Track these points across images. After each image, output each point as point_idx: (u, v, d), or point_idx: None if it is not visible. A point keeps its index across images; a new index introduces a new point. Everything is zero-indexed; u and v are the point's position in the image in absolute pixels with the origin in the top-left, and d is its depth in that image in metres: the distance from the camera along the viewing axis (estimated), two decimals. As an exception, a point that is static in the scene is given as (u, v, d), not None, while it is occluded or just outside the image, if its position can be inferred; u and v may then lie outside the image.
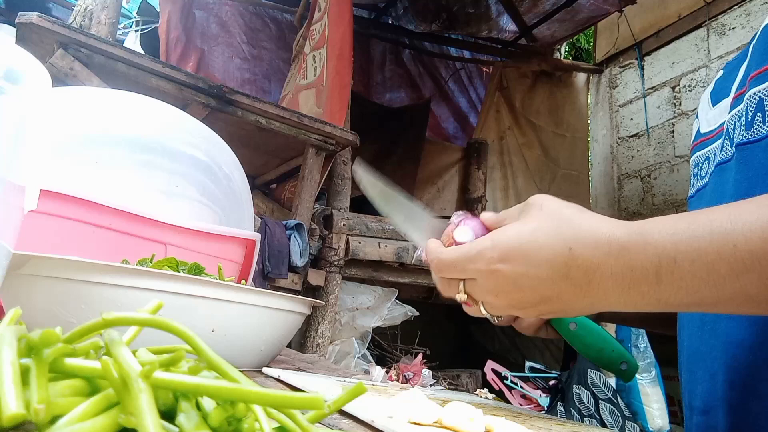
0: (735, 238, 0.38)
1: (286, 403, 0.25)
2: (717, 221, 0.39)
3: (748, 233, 0.37)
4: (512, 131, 4.11)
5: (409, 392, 0.48)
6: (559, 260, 0.44)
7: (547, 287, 0.45)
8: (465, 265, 0.48)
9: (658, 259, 0.40)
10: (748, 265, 0.37)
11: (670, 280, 0.40)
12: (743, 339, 0.52)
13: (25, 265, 0.51)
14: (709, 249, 0.38)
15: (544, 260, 0.44)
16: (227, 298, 0.58)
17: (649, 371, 2.68)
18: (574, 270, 0.43)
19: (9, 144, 0.37)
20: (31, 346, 0.26)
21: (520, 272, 0.45)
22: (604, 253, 0.42)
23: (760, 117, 0.52)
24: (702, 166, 0.64)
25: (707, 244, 0.39)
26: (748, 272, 0.37)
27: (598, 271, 0.42)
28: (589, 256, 0.43)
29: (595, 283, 0.43)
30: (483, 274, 0.47)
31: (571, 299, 0.45)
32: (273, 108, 2.10)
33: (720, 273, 0.38)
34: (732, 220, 0.38)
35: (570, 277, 0.44)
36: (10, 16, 2.99)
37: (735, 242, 0.38)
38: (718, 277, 0.38)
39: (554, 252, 0.44)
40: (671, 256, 0.40)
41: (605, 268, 0.42)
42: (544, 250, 0.44)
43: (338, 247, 2.28)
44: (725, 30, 3.46)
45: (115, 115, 0.92)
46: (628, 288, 0.42)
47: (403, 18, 4.05)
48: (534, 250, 0.45)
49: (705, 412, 0.56)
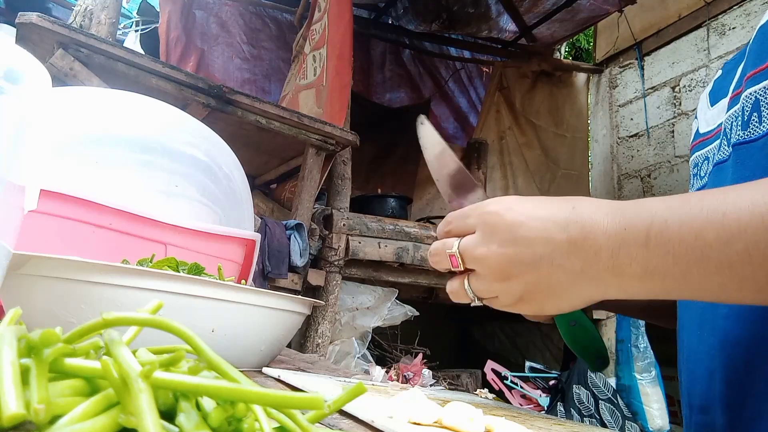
0: (725, 207, 0.39)
1: (286, 403, 0.25)
2: (711, 195, 0.41)
3: (739, 203, 0.39)
4: (512, 131, 4.11)
5: (409, 392, 0.48)
6: (560, 213, 0.46)
7: (542, 242, 0.46)
8: (470, 212, 0.51)
9: (650, 220, 0.42)
10: (734, 234, 0.38)
11: (658, 241, 0.41)
12: (740, 338, 0.52)
13: (25, 265, 0.51)
14: (699, 215, 0.40)
15: (546, 213, 0.47)
16: (227, 298, 0.58)
17: (649, 371, 2.68)
18: (572, 223, 0.46)
19: (9, 144, 0.37)
20: (31, 346, 0.26)
21: (519, 221, 0.47)
22: (603, 212, 0.45)
23: (756, 117, 0.52)
24: (701, 166, 0.64)
25: (697, 210, 0.40)
26: (733, 241, 0.38)
27: (594, 226, 0.45)
28: (589, 213, 0.46)
29: (590, 239, 0.44)
30: (484, 219, 0.49)
31: (561, 261, 0.45)
32: (273, 108, 2.10)
33: (707, 239, 0.39)
34: (725, 194, 0.41)
35: (567, 229, 0.46)
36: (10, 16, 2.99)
37: (724, 211, 0.39)
38: (704, 243, 0.39)
39: (558, 207, 0.47)
40: (662, 218, 0.42)
41: (601, 224, 0.45)
42: (549, 206, 0.48)
43: (338, 247, 2.28)
44: (725, 30, 3.46)
45: (115, 115, 0.92)
46: (618, 248, 0.43)
47: (403, 18, 4.05)
48: (539, 206, 0.48)
49: (704, 410, 0.57)
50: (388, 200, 2.79)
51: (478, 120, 4.19)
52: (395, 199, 2.81)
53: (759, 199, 0.38)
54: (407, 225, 2.49)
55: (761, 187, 0.39)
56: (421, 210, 3.55)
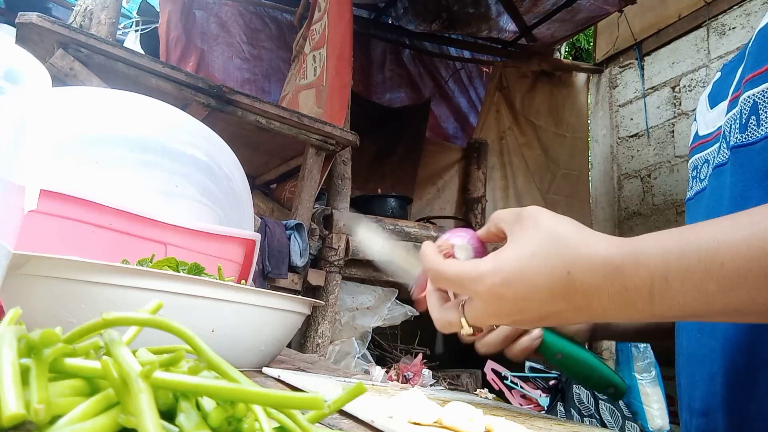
0: (722, 256, 0.39)
1: (286, 403, 0.25)
2: (704, 239, 0.40)
3: (734, 251, 0.38)
4: (512, 131, 4.11)
5: (409, 392, 0.48)
6: (558, 284, 0.45)
7: (548, 308, 0.47)
8: (466, 284, 0.49)
9: (651, 280, 0.41)
10: (735, 283, 0.38)
11: (663, 298, 0.41)
12: (741, 341, 0.52)
13: (25, 265, 0.51)
14: (697, 268, 0.40)
15: (543, 285, 0.45)
16: (227, 298, 0.58)
17: (649, 371, 2.68)
18: (573, 293, 0.45)
19: (9, 144, 0.37)
20: (31, 346, 0.26)
21: (521, 296, 0.46)
22: (600, 276, 0.44)
23: (754, 120, 0.52)
24: (701, 169, 0.64)
25: (696, 263, 0.40)
26: (735, 289, 0.38)
27: (596, 293, 0.44)
28: (588, 280, 0.44)
29: (594, 304, 0.45)
30: (483, 297, 0.49)
31: (571, 317, 0.47)
32: (273, 108, 2.10)
33: (709, 291, 0.39)
34: (718, 239, 0.39)
35: (569, 299, 0.45)
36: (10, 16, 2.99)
37: (722, 260, 0.39)
38: (707, 294, 0.39)
39: (553, 276, 0.45)
40: (663, 276, 0.41)
41: (603, 290, 0.44)
42: (544, 275, 0.46)
43: (338, 247, 2.28)
44: (725, 30, 3.46)
45: (115, 115, 0.92)
46: (625, 306, 0.43)
47: (403, 18, 4.04)
48: (534, 275, 0.46)
49: (705, 414, 0.56)
50: (388, 200, 2.79)
51: (478, 120, 4.18)
52: (395, 199, 2.81)
53: (755, 244, 0.38)
54: (407, 225, 2.49)
55: (755, 224, 0.38)
56: (421, 210, 3.55)
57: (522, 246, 0.47)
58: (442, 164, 3.76)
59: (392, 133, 3.66)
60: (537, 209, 0.50)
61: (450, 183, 3.75)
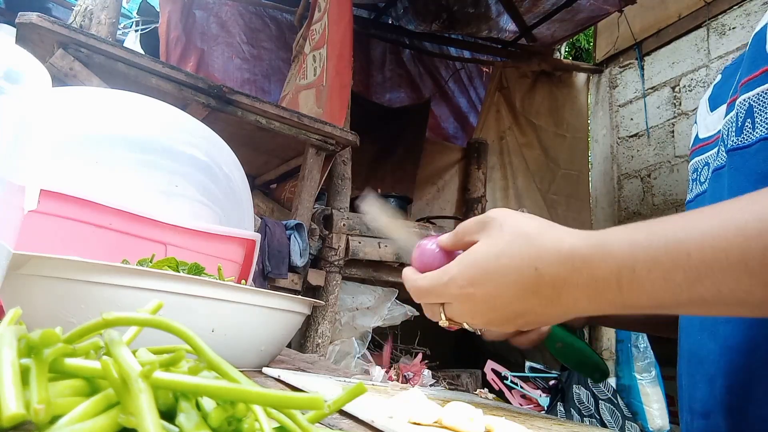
0: (688, 246, 0.39)
1: (286, 403, 0.25)
2: (671, 231, 0.40)
3: (701, 242, 0.38)
4: (512, 131, 4.11)
5: (409, 392, 0.48)
6: (527, 281, 0.46)
7: (519, 305, 0.47)
8: (439, 291, 0.52)
9: (618, 269, 0.42)
10: (702, 273, 0.38)
11: (630, 288, 0.42)
12: (740, 343, 0.52)
13: (25, 265, 0.51)
14: (664, 258, 0.40)
15: (512, 282, 0.46)
16: (227, 298, 0.58)
17: (649, 371, 2.68)
18: (543, 287, 0.45)
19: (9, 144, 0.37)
20: (31, 346, 0.26)
21: (492, 294, 0.48)
22: (569, 269, 0.44)
23: (750, 123, 0.53)
24: (701, 172, 0.64)
25: (663, 253, 0.40)
26: (702, 280, 0.39)
27: (566, 284, 0.44)
28: (555, 273, 0.44)
29: (564, 296, 0.45)
30: (457, 299, 0.50)
31: (544, 311, 0.48)
32: (273, 108, 2.10)
33: (676, 281, 0.39)
34: (686, 229, 0.40)
35: (540, 293, 0.46)
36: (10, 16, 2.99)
37: (689, 251, 0.39)
38: (674, 284, 0.40)
39: (521, 274, 0.46)
40: (630, 266, 0.41)
41: (571, 281, 0.44)
42: (511, 274, 0.46)
43: (338, 247, 2.28)
44: (725, 30, 3.46)
45: (115, 115, 0.92)
46: (595, 296, 0.44)
47: (403, 18, 4.04)
48: (501, 274, 0.47)
49: (705, 415, 0.56)
50: (388, 200, 2.79)
51: (478, 120, 4.18)
52: (395, 199, 2.81)
53: (722, 235, 0.38)
54: (407, 225, 2.49)
55: (724, 217, 0.39)
56: (421, 210, 3.55)
57: (488, 247, 0.48)
58: (442, 164, 3.76)
59: (392, 133, 3.66)
60: (500, 212, 0.50)
61: (450, 183, 3.75)
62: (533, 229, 0.47)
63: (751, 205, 0.38)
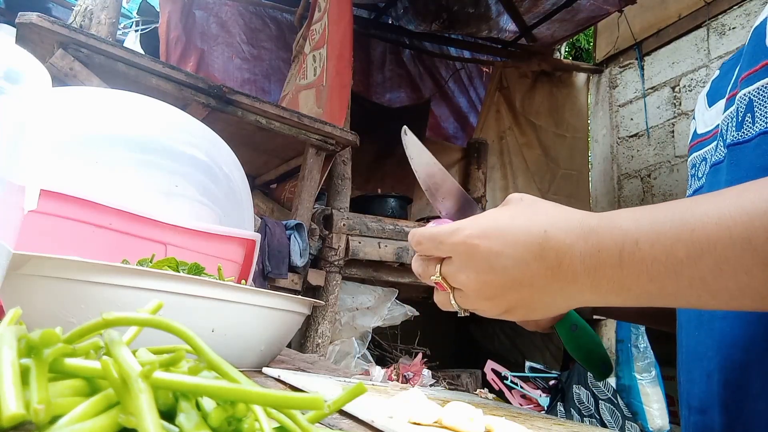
0: (693, 223, 0.39)
1: (286, 403, 0.25)
2: (678, 209, 0.41)
3: (705, 218, 0.39)
4: (512, 131, 4.11)
5: (409, 392, 0.48)
6: (534, 241, 0.46)
7: (520, 269, 0.46)
8: (443, 238, 0.50)
9: (622, 240, 0.42)
10: (704, 249, 0.39)
11: (632, 262, 0.42)
12: (737, 339, 0.52)
13: (25, 265, 0.51)
14: (668, 233, 0.40)
15: (520, 240, 0.46)
16: (227, 298, 0.58)
17: (649, 371, 2.68)
18: (547, 250, 0.45)
19: (9, 144, 0.37)
20: (31, 346, 0.26)
21: (495, 250, 0.47)
22: (575, 236, 0.45)
23: (750, 117, 0.53)
24: (699, 167, 0.64)
25: (667, 228, 0.40)
26: (704, 256, 0.39)
27: (569, 251, 0.45)
28: (563, 237, 0.45)
29: (565, 265, 0.45)
30: (459, 249, 0.49)
31: (541, 284, 0.46)
32: (273, 108, 2.10)
33: (678, 256, 0.40)
34: (692, 208, 0.40)
35: (543, 257, 0.45)
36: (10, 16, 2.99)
37: (693, 227, 0.39)
38: (676, 260, 0.40)
39: (530, 233, 0.46)
40: (633, 238, 0.42)
41: (575, 249, 0.44)
42: (521, 232, 0.47)
43: (338, 247, 2.28)
44: (725, 30, 3.46)
45: (115, 115, 0.92)
46: (594, 270, 0.44)
47: (403, 18, 4.04)
48: (511, 230, 0.47)
49: (702, 411, 0.57)
50: (388, 200, 2.79)
51: (478, 120, 4.18)
52: (395, 199, 2.81)
53: (726, 213, 0.38)
54: (407, 225, 2.49)
55: (729, 198, 0.39)
56: (421, 210, 3.55)
57: (505, 210, 0.50)
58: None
59: (392, 133, 3.64)
60: (521, 194, 0.52)
61: (450, 183, 3.75)
62: (549, 204, 0.49)
63: (757, 187, 0.39)
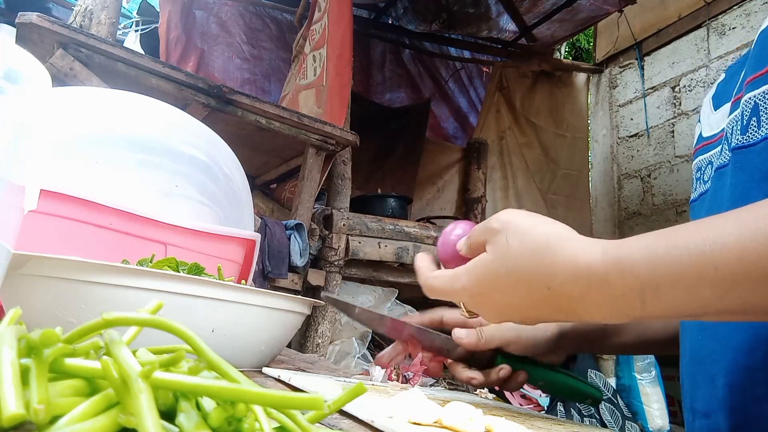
0: (715, 260, 0.38)
1: (286, 403, 0.25)
2: (694, 243, 0.39)
3: (727, 255, 0.37)
4: (512, 131, 4.11)
5: (409, 392, 0.48)
6: (537, 297, 0.46)
7: (532, 312, 0.49)
8: (449, 295, 0.54)
9: (641, 287, 0.41)
10: (729, 287, 0.38)
11: (654, 303, 0.41)
12: (741, 343, 0.52)
13: (25, 265, 0.51)
14: (689, 272, 0.39)
15: (523, 297, 0.47)
16: (227, 298, 0.58)
17: (649, 371, 2.67)
18: (556, 300, 0.45)
19: (9, 144, 0.37)
20: (31, 346, 0.26)
21: (503, 304, 0.49)
22: (584, 285, 0.43)
23: (755, 121, 0.52)
24: (705, 171, 0.64)
25: (687, 267, 0.39)
26: (729, 293, 0.38)
27: (581, 300, 0.44)
28: (570, 290, 0.44)
29: (580, 310, 0.45)
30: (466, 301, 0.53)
31: (558, 318, 0.49)
32: (273, 108, 2.10)
33: (703, 295, 0.39)
34: (711, 242, 0.38)
35: (552, 304, 0.46)
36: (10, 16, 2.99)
37: (716, 265, 0.38)
38: (701, 299, 0.39)
39: (532, 290, 0.46)
40: (654, 283, 0.40)
41: (588, 298, 0.43)
42: (521, 290, 0.47)
43: (338, 247, 2.28)
44: (725, 30, 3.46)
45: (115, 115, 0.92)
46: (613, 312, 0.43)
47: (403, 18, 4.04)
48: (511, 290, 0.47)
49: (707, 415, 0.56)
50: (388, 200, 2.78)
51: (478, 120, 4.18)
52: (395, 199, 2.81)
53: (749, 245, 0.37)
54: (407, 225, 2.49)
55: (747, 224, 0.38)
56: (421, 210, 3.55)
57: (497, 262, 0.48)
58: (442, 164, 3.76)
59: (392, 133, 3.66)
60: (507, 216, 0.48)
61: (450, 183, 3.75)
62: (542, 243, 0.45)
63: None
